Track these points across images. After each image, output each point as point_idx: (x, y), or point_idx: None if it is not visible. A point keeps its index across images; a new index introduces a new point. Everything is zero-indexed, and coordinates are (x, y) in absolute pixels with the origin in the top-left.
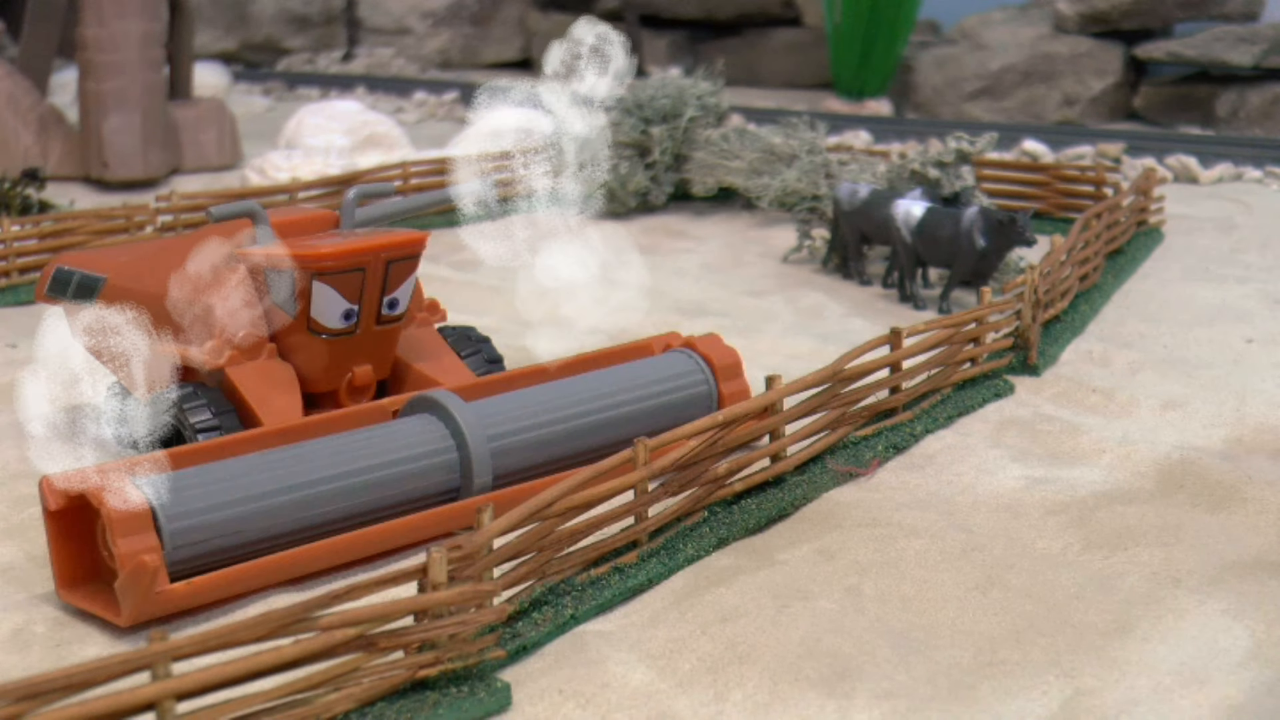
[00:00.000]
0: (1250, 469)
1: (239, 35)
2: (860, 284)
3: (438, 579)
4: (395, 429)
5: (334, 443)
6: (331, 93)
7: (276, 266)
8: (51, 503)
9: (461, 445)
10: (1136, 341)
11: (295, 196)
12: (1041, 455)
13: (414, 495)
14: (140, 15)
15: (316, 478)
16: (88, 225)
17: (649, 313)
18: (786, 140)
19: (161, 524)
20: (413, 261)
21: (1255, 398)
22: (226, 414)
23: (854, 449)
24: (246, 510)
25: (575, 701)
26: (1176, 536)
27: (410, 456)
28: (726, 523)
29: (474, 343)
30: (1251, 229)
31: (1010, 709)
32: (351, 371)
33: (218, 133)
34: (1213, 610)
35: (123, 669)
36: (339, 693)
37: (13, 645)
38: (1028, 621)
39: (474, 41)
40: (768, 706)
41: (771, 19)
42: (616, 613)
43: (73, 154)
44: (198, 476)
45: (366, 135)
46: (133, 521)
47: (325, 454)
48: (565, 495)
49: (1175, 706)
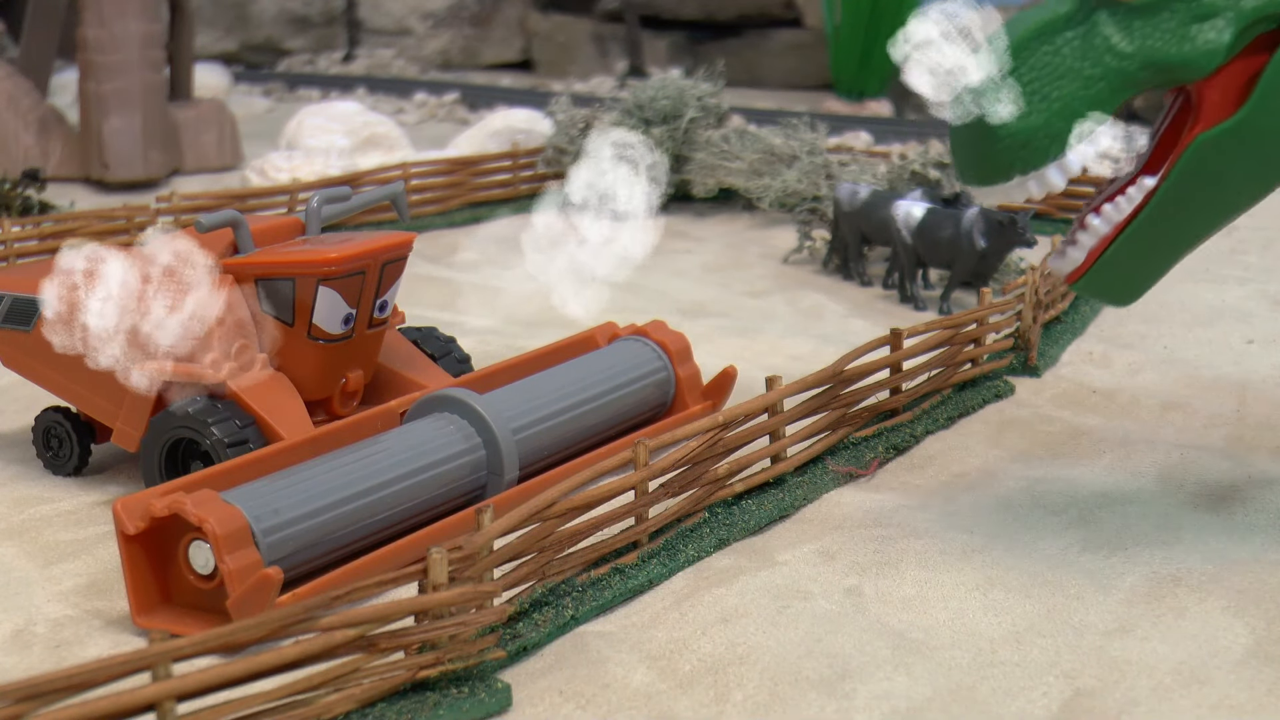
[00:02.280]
0: (1250, 468)
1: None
2: (860, 285)
3: (438, 580)
4: (426, 428)
5: (380, 446)
6: (332, 94)
7: (276, 274)
8: (130, 526)
9: (490, 441)
10: (1137, 342)
11: (296, 197)
12: (1042, 456)
13: (455, 493)
14: (140, 16)
15: (383, 480)
16: (88, 226)
17: (649, 313)
18: (787, 141)
19: (258, 538)
20: (403, 262)
21: (1255, 398)
22: (249, 427)
23: (854, 449)
24: (328, 519)
25: (575, 702)
26: (1176, 536)
27: (452, 455)
28: (727, 523)
29: (441, 343)
30: (1252, 229)
31: (1010, 709)
32: (345, 376)
33: (218, 134)
34: (1213, 609)
35: (123, 669)
36: (339, 693)
37: (13, 645)
38: (1028, 622)
39: (474, 42)
40: (768, 707)
41: (772, 20)
42: (617, 613)
43: (73, 155)
44: (273, 489)
45: (367, 136)
46: (236, 538)
47: (381, 458)
48: (565, 496)
49: (1175, 706)
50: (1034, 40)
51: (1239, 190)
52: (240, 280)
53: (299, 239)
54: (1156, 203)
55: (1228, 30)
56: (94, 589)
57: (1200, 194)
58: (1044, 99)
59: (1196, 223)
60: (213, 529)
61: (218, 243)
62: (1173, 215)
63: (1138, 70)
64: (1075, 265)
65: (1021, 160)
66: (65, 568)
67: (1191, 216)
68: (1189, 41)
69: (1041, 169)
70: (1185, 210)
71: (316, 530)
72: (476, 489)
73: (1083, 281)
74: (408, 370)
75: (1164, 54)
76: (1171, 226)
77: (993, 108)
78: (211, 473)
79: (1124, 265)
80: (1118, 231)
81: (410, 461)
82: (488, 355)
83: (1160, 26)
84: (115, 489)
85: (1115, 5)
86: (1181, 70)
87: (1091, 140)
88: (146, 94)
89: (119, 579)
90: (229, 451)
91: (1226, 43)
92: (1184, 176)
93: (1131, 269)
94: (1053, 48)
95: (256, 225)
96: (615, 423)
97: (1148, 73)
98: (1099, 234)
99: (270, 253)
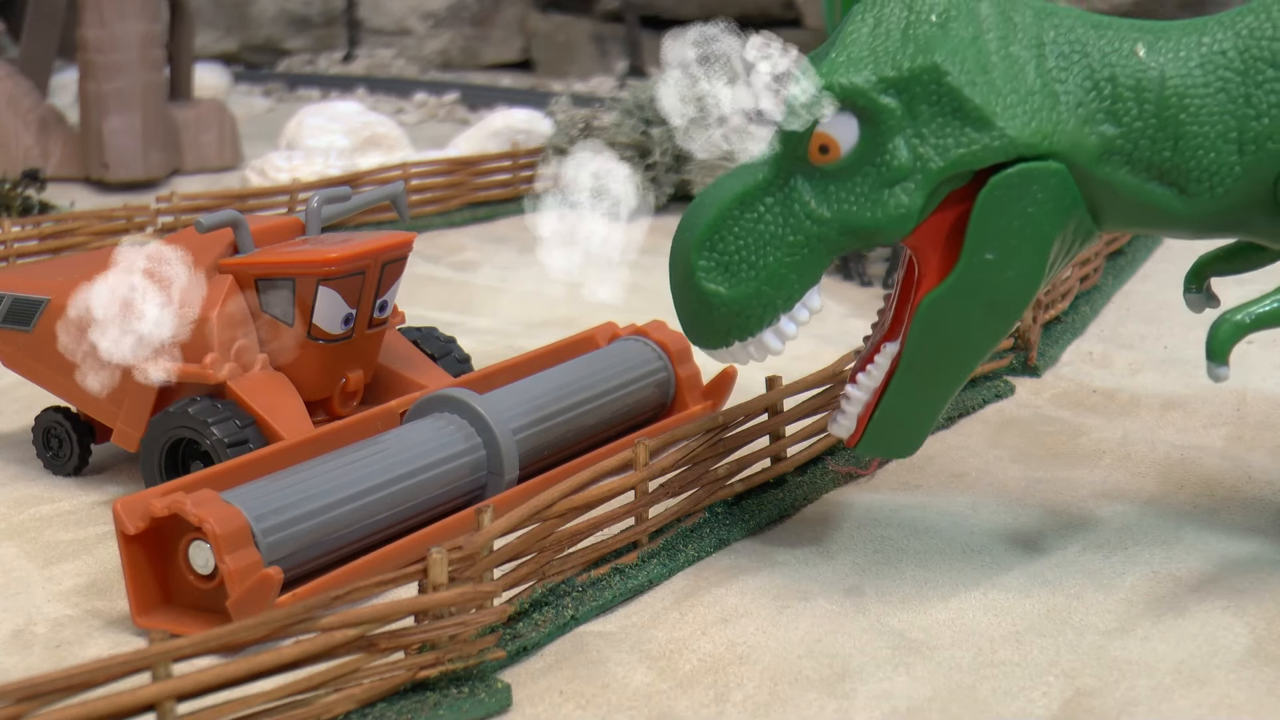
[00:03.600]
0: (1250, 468)
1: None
2: (861, 284)
3: (438, 580)
4: (426, 428)
5: (380, 446)
6: (332, 94)
7: (276, 274)
8: (130, 526)
9: (490, 441)
10: (1137, 342)
11: (296, 197)
12: (1042, 456)
13: (455, 493)
14: (140, 16)
15: (383, 480)
16: (88, 226)
17: (650, 313)
18: None
19: (258, 538)
20: (403, 262)
21: (1255, 398)
22: (249, 427)
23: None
24: (328, 519)
25: (575, 702)
26: (1176, 536)
27: (453, 455)
28: (727, 523)
29: (441, 343)
30: None
31: (1010, 709)
32: (345, 377)
33: (218, 133)
34: (1213, 609)
35: (123, 669)
36: (339, 693)
37: (13, 645)
38: (1028, 622)
39: (474, 42)
40: (768, 707)
41: (772, 20)
42: (617, 613)
43: (73, 155)
44: (273, 489)
45: (367, 136)
46: (236, 538)
47: (381, 458)
48: (565, 496)
49: (1175, 706)
50: (736, 208)
51: (975, 340)
52: (240, 280)
53: (299, 239)
54: (903, 366)
55: (918, 193)
56: (94, 589)
57: (939, 351)
58: (751, 267)
59: (945, 375)
60: (213, 529)
61: (218, 243)
62: (920, 373)
63: (837, 235)
64: (849, 433)
65: (738, 328)
66: (65, 568)
67: (938, 371)
68: (881, 206)
69: (758, 334)
70: (930, 367)
71: (316, 530)
72: (476, 489)
73: (861, 444)
74: (408, 370)
75: (858, 219)
76: (923, 383)
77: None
78: (211, 473)
79: (892, 424)
80: (877, 398)
81: (410, 461)
82: (488, 355)
83: (853, 191)
84: (115, 489)
85: (810, 171)
86: (878, 235)
87: (804, 303)
88: (146, 94)
89: (119, 579)
90: (229, 451)
91: (919, 205)
92: (920, 338)
93: (901, 425)
94: (755, 215)
95: (256, 225)
96: (615, 423)
97: (847, 238)
98: (861, 402)
99: (270, 253)
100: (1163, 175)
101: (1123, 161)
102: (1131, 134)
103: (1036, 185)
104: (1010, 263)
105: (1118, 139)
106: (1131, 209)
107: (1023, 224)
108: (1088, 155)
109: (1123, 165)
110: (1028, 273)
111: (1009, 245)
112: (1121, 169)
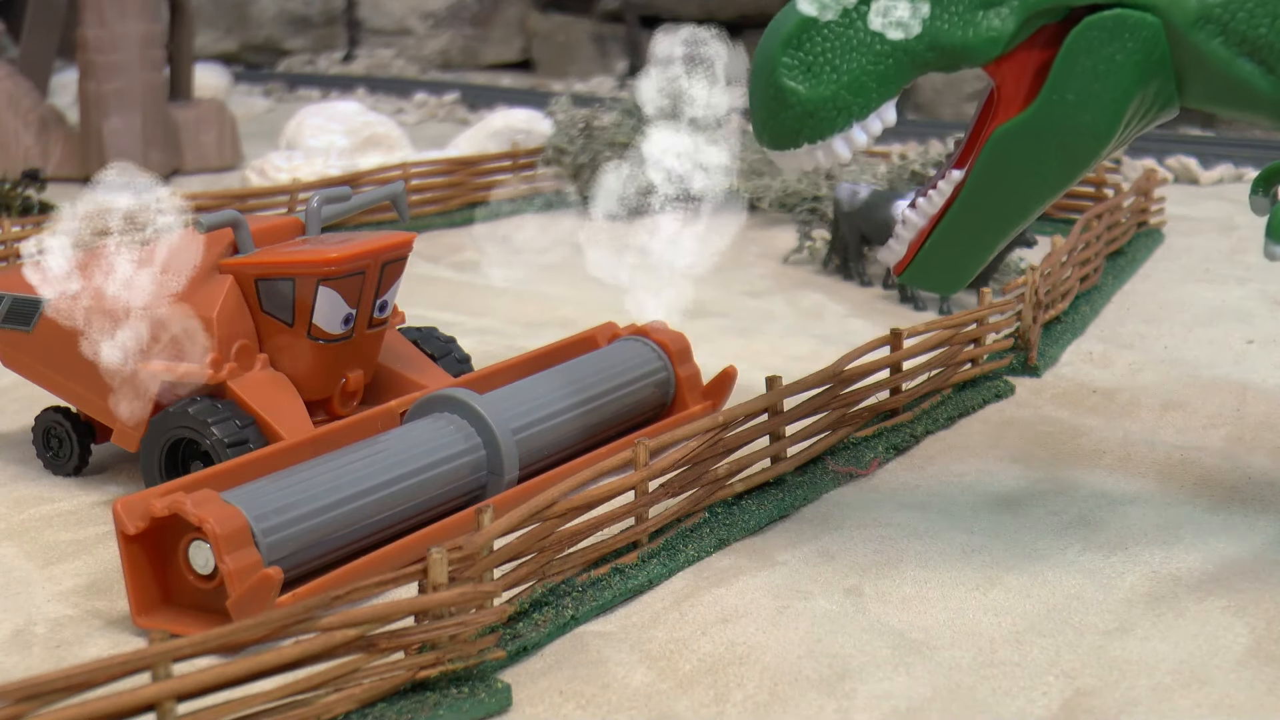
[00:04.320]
0: (1250, 468)
1: (239, 36)
2: (860, 285)
3: (438, 580)
4: (426, 428)
5: (380, 446)
6: (332, 93)
7: (276, 274)
8: (130, 526)
9: (490, 441)
10: (1137, 342)
11: (296, 197)
12: (1042, 456)
13: (455, 493)
14: (140, 16)
15: (383, 480)
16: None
17: (650, 313)
18: None
19: (258, 538)
20: (403, 262)
21: (1255, 398)
22: (249, 427)
23: (854, 450)
24: (328, 519)
25: (575, 702)
26: (1176, 536)
27: (453, 455)
28: (727, 523)
29: (441, 343)
30: (1252, 230)
31: (1010, 709)
32: (345, 377)
33: (218, 134)
34: (1213, 609)
35: (123, 669)
36: (339, 693)
37: (13, 645)
38: (1028, 622)
39: (474, 42)
40: (768, 707)
41: None
42: (617, 613)
43: (73, 155)
44: (273, 489)
45: (367, 136)
46: (236, 538)
47: (381, 458)
48: (565, 496)
49: (1175, 706)
50: (829, 9)
51: (1039, 181)
52: (240, 280)
53: (299, 239)
54: (963, 196)
55: (1011, 19)
56: (94, 589)
57: (1002, 185)
58: (834, 70)
59: (1004, 213)
60: (213, 529)
61: (218, 243)
62: (980, 207)
63: (925, 50)
64: (899, 258)
65: (809, 129)
66: (65, 568)
67: (998, 207)
68: (973, 27)
69: (828, 140)
70: (991, 202)
71: (316, 530)
72: (476, 489)
73: (907, 273)
74: (408, 370)
75: (949, 37)
76: (980, 218)
77: (785, 73)
78: (211, 473)
79: (941, 256)
80: (932, 225)
81: (410, 461)
82: (488, 355)
83: (948, 9)
84: (115, 489)
85: None
86: (965, 55)
87: (879, 114)
88: (146, 94)
89: (119, 579)
90: (229, 451)
91: (1010, 30)
92: (986, 169)
93: (949, 259)
94: (848, 19)
95: (256, 225)
96: (615, 423)
97: (934, 54)
98: (916, 227)
99: (270, 253)
100: (1255, 52)
101: (1218, 30)
102: (1231, 3)
103: (1129, 33)
104: (1088, 106)
105: (1216, 6)
106: (1217, 83)
107: (1108, 69)
108: (1185, 16)
109: (1217, 34)
110: (1103, 121)
111: (1091, 89)
112: (1215, 38)
